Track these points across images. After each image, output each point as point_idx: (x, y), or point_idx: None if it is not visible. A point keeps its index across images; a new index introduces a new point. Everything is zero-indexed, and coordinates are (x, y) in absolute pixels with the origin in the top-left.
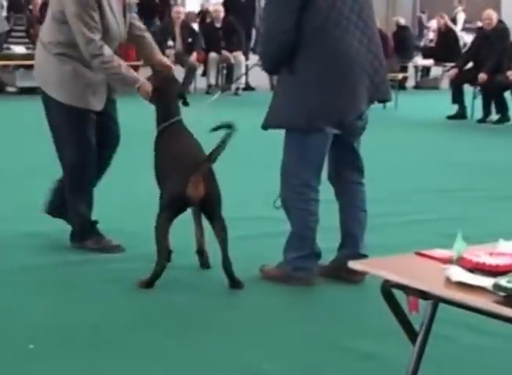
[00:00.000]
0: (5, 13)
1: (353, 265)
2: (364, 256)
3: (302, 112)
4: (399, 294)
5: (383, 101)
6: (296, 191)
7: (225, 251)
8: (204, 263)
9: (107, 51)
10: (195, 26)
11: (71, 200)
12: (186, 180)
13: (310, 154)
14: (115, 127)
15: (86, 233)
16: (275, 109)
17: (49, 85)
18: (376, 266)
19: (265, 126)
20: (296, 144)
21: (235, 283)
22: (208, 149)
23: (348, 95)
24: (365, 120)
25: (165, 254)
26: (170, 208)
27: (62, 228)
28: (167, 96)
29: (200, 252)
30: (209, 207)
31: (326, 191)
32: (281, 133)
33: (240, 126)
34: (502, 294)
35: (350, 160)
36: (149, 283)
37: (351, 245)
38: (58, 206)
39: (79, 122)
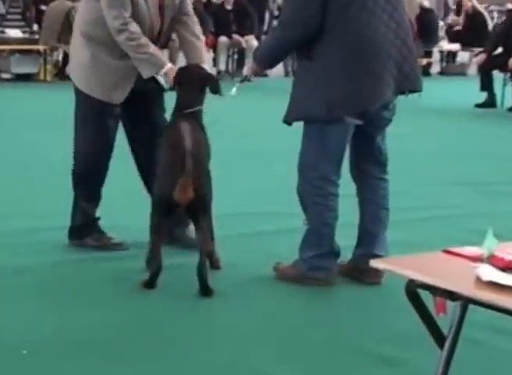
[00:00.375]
0: None
1: (376, 263)
2: (381, 257)
3: (322, 100)
4: (425, 295)
5: (413, 91)
6: (313, 184)
7: (202, 260)
8: (214, 264)
9: (134, 27)
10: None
11: (75, 193)
12: (174, 182)
13: (329, 146)
14: (150, 125)
15: (85, 230)
16: (295, 100)
17: (72, 68)
18: (400, 265)
19: (286, 120)
20: (315, 135)
21: (206, 291)
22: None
23: (372, 84)
24: (392, 111)
25: (157, 255)
26: (159, 210)
27: (61, 225)
28: (186, 84)
29: (209, 253)
30: (196, 212)
31: (347, 186)
32: (297, 123)
33: (252, 114)
34: None
35: (372, 153)
36: (149, 284)
37: (368, 244)
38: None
39: (95, 114)
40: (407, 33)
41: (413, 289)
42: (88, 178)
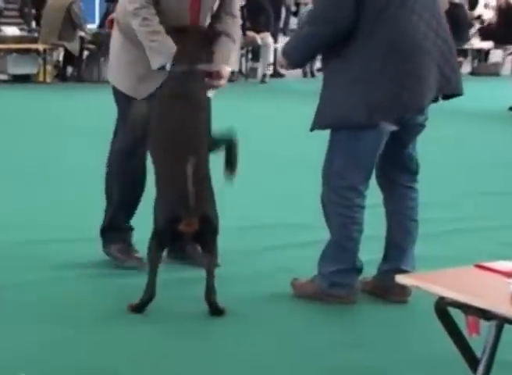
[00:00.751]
0: None
1: (402, 279)
2: (408, 273)
3: (362, 104)
4: (456, 314)
5: (454, 95)
6: (340, 194)
7: (210, 284)
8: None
9: (150, 13)
10: None
11: (105, 194)
12: (179, 217)
13: (361, 154)
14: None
15: (109, 236)
16: (327, 104)
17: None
18: (429, 281)
19: (318, 127)
20: (346, 141)
21: (216, 310)
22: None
23: (415, 86)
24: (425, 116)
25: (153, 283)
26: (161, 239)
27: (62, 237)
28: (182, 37)
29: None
30: (202, 240)
31: (372, 195)
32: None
33: (267, 118)
34: None
35: (403, 161)
36: (137, 310)
37: (395, 259)
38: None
39: (123, 109)
40: (447, 32)
41: (443, 307)
42: (118, 181)
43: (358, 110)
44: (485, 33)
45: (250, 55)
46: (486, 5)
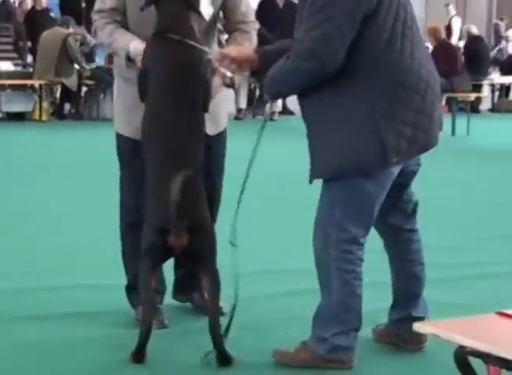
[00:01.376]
0: None
1: (421, 327)
2: (421, 319)
3: (372, 147)
4: (477, 364)
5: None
6: (343, 248)
7: (215, 314)
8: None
9: (105, 15)
10: None
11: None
12: (167, 230)
13: (367, 201)
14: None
15: (134, 294)
16: (328, 151)
17: None
18: (449, 329)
19: (320, 176)
20: (347, 188)
21: (223, 358)
22: None
23: (426, 126)
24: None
25: (148, 316)
26: (151, 256)
27: (61, 284)
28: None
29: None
30: (196, 257)
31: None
32: None
33: (275, 157)
34: None
35: (401, 204)
36: (137, 355)
37: (406, 306)
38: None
39: (127, 155)
40: (433, 65)
41: (463, 356)
42: (130, 232)
43: (371, 152)
44: (505, 68)
45: (258, 91)
46: (506, 38)
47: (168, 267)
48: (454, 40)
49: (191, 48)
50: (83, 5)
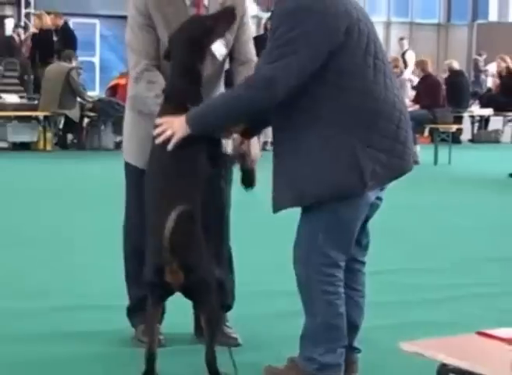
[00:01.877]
0: None
1: (407, 347)
2: (359, 352)
3: (351, 172)
4: None
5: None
6: (325, 272)
7: (210, 346)
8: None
9: (154, 76)
10: None
11: (126, 271)
12: (162, 267)
13: (347, 226)
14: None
15: (135, 317)
16: (302, 178)
17: None
18: (432, 348)
19: (295, 205)
20: (329, 215)
21: None
22: None
23: (400, 152)
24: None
25: (151, 344)
26: (152, 294)
27: (59, 305)
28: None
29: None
30: (192, 294)
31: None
32: None
33: (264, 187)
34: None
35: (360, 236)
36: None
37: (348, 336)
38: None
39: (135, 183)
40: (401, 91)
41: (446, 374)
42: (133, 258)
43: (349, 177)
44: (485, 101)
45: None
46: (485, 72)
47: None
48: (408, 73)
49: None
50: (55, 38)
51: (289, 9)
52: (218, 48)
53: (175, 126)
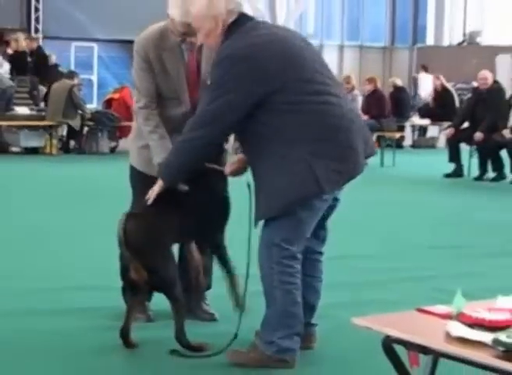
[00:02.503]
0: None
1: (357, 321)
2: (315, 325)
3: (308, 180)
4: (400, 350)
5: (370, 156)
6: (284, 264)
7: (177, 327)
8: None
9: (151, 114)
10: None
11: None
12: (128, 266)
13: (304, 224)
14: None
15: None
16: (271, 193)
17: None
18: (379, 323)
19: (265, 217)
20: (290, 217)
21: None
22: None
23: (352, 158)
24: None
25: (126, 323)
26: (124, 291)
27: (62, 285)
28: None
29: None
30: (157, 290)
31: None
32: None
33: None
34: (501, 348)
35: (319, 232)
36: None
37: (305, 314)
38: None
39: (138, 186)
40: (351, 102)
41: (389, 344)
42: None
43: (307, 185)
44: (423, 112)
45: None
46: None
47: None
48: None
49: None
50: (29, 58)
51: (223, 56)
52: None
53: (154, 187)
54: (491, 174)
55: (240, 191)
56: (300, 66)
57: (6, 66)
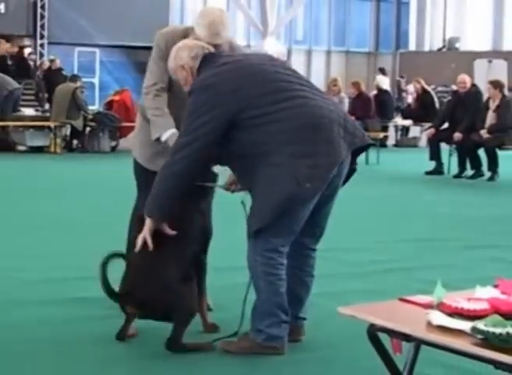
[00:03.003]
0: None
1: (343, 310)
2: (304, 319)
3: (290, 182)
4: (383, 337)
5: (366, 146)
6: (266, 256)
7: (174, 335)
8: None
9: (160, 90)
10: None
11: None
12: (122, 301)
13: (291, 223)
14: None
15: None
16: (263, 202)
17: None
18: (363, 312)
19: (262, 224)
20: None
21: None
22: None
23: (330, 150)
24: (336, 187)
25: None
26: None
27: (71, 276)
28: None
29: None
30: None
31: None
32: None
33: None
34: (479, 336)
35: (312, 228)
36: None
37: (294, 307)
38: None
39: (142, 181)
40: (329, 99)
41: (374, 332)
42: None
43: (291, 188)
44: (405, 113)
45: None
46: (406, 91)
47: None
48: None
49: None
50: (9, 62)
51: (191, 90)
52: None
53: (143, 231)
54: (469, 172)
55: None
56: (260, 81)
57: None
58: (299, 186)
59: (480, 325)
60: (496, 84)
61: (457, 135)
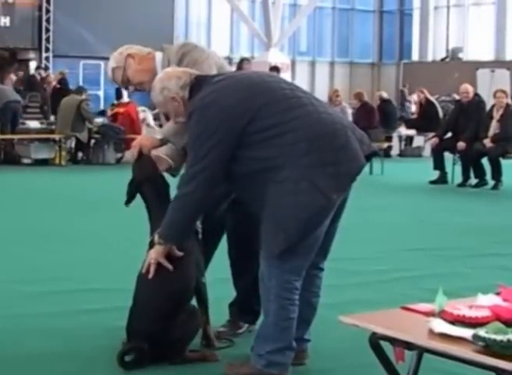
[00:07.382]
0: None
1: (345, 319)
2: (308, 341)
3: (316, 194)
4: (386, 346)
5: (372, 154)
6: (283, 279)
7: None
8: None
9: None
10: None
11: None
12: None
13: (318, 237)
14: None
15: None
16: (286, 221)
17: None
18: (366, 320)
19: (289, 243)
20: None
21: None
22: None
23: (348, 155)
24: (345, 198)
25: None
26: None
27: (74, 288)
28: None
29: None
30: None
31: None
32: None
33: None
34: (481, 343)
35: (323, 244)
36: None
37: (300, 329)
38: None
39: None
40: (336, 112)
41: (376, 341)
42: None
43: (317, 201)
44: (409, 123)
45: None
46: (409, 101)
47: None
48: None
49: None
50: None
51: (194, 108)
52: None
53: (151, 255)
54: (473, 181)
55: None
56: (266, 89)
57: None
58: (326, 198)
59: (481, 332)
60: (506, 93)
61: (461, 144)
